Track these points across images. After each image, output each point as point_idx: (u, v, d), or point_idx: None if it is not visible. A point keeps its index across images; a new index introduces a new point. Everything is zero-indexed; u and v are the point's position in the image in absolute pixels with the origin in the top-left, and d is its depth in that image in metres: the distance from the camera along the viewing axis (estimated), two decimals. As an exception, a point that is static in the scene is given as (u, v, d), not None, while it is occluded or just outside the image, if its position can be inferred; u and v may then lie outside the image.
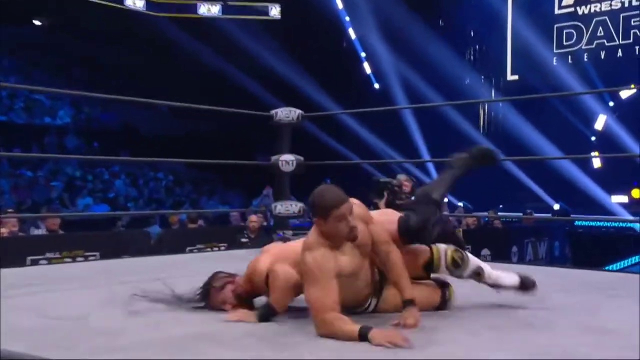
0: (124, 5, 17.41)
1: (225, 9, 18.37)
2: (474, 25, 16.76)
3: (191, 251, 6.93)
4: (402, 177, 6.08)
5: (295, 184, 5.22)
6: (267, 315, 2.43)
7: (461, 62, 16.40)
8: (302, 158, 5.03)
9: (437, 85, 15.09)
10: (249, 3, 18.45)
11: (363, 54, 17.94)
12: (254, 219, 7.66)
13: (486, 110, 17.04)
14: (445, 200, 15.37)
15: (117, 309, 2.56)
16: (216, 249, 7.26)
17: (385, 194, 5.90)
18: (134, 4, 17.68)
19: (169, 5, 18.14)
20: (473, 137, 15.40)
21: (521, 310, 2.60)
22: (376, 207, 5.82)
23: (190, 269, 3.85)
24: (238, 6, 18.46)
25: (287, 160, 4.97)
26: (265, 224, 9.28)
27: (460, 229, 8.82)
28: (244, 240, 7.41)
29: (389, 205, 5.97)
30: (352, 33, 17.88)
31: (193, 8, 18.34)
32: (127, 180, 15.25)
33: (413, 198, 2.65)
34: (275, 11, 18.53)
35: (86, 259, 6.06)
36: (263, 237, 7.48)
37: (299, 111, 5.03)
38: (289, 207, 5.02)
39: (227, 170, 15.73)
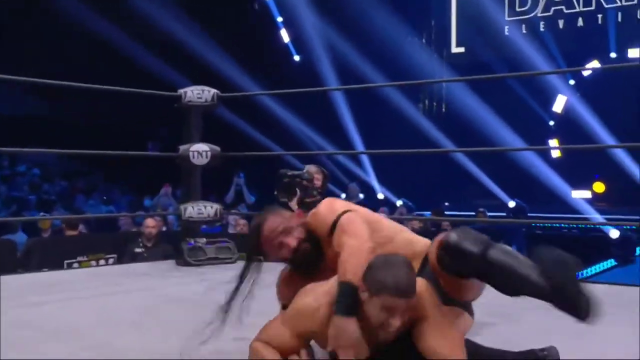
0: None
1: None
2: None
3: (71, 266, 6.72)
4: (311, 168, 6.10)
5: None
6: (351, 301, 2.12)
7: (400, 30, 16.60)
8: (218, 148, 4.97)
9: (371, 55, 15.24)
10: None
11: (279, 19, 17.85)
12: (151, 224, 7.48)
13: (428, 88, 17.32)
14: (381, 196, 15.72)
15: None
16: (103, 262, 7.06)
17: (298, 190, 5.95)
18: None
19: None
20: (413, 119, 15.66)
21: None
22: (286, 208, 5.84)
23: (78, 290, 3.73)
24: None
25: (200, 151, 4.90)
26: (164, 229, 9.13)
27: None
28: (138, 250, 7.24)
29: (300, 204, 6.00)
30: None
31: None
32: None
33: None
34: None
35: None
36: (163, 246, 7.35)
37: (214, 91, 4.97)
38: (202, 209, 4.95)
39: (111, 163, 15.36)
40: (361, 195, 12.83)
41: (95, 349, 2.61)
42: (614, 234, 11.83)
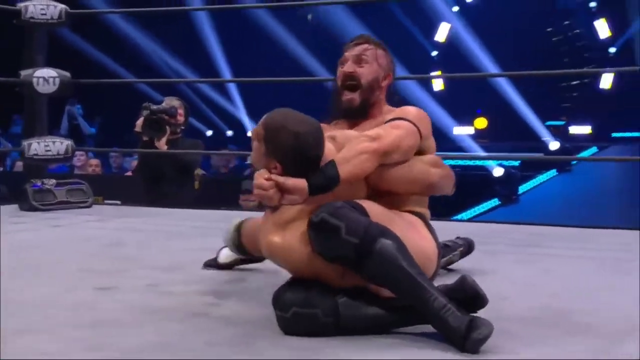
0: None
1: None
2: None
3: None
4: (174, 102, 5.99)
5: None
6: (326, 184, 2.21)
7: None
8: (68, 74, 4.78)
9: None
10: None
11: None
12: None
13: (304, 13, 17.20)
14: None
15: None
16: None
17: (169, 127, 5.85)
18: None
19: None
20: (287, 46, 15.54)
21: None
22: (149, 146, 5.73)
23: None
24: None
25: (47, 77, 4.70)
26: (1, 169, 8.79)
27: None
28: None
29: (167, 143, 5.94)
30: None
31: None
32: None
33: None
34: None
35: None
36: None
37: (61, 6, 4.75)
38: (49, 145, 4.78)
39: None
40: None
41: None
42: (498, 171, 12.28)
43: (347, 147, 2.33)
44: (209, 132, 16.73)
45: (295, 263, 2.22)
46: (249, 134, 16.31)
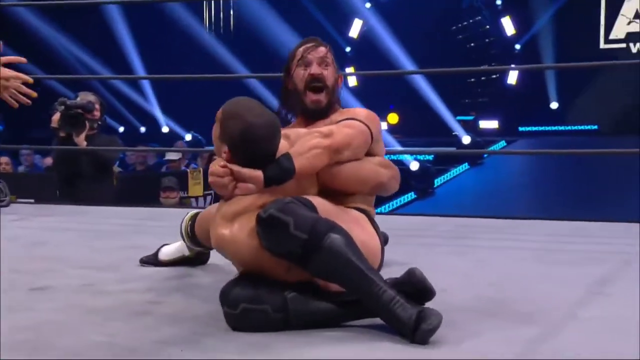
0: None
1: None
2: None
3: None
4: (90, 97, 5.87)
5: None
6: (281, 175, 2.23)
7: None
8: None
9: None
10: None
11: None
12: None
13: (213, 4, 16.94)
14: (166, 129, 15.23)
15: None
16: None
17: (87, 123, 5.74)
18: None
19: None
20: (201, 39, 15.34)
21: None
22: (67, 142, 5.61)
23: None
24: None
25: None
26: None
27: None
28: None
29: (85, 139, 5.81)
30: None
31: None
32: None
33: None
34: None
35: None
36: None
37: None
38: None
39: None
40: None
41: None
42: (414, 166, 12.46)
43: (300, 142, 2.35)
44: (121, 129, 16.45)
45: (242, 256, 2.22)
46: (164, 129, 16.18)
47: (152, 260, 3.03)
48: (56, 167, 6.22)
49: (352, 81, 15.06)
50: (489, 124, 15.76)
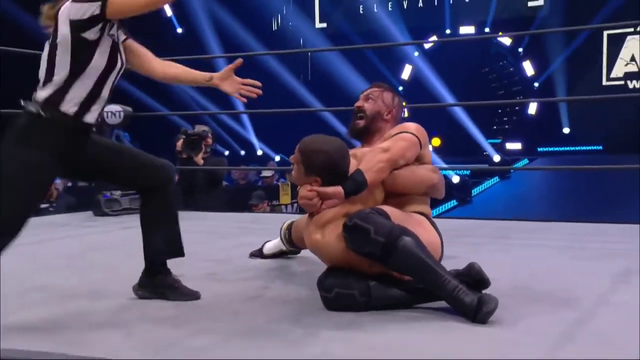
0: None
1: None
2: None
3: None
4: (204, 128, 6.00)
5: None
6: (357, 188, 2.21)
7: (275, 4, 16.36)
8: (130, 109, 4.71)
9: (249, 26, 14.99)
10: None
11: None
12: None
13: (301, 56, 17.12)
14: (260, 152, 15.47)
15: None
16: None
17: (204, 147, 5.84)
18: None
19: None
20: (291, 85, 15.54)
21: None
22: (188, 163, 5.71)
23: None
24: None
25: (114, 111, 4.62)
26: (70, 184, 8.68)
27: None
28: (44, 205, 6.85)
29: (202, 159, 5.91)
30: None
31: None
32: None
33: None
34: None
35: None
36: (67, 198, 6.95)
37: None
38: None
39: None
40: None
41: (42, 290, 2.44)
42: (455, 179, 12.31)
43: (366, 159, 2.33)
44: (227, 152, 16.65)
45: (332, 256, 2.20)
46: (258, 152, 16.33)
47: (258, 254, 3.05)
48: (179, 182, 6.29)
49: (404, 113, 14.99)
50: (514, 145, 15.49)
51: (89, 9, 2.02)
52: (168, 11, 17.21)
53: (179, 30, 17.33)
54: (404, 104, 2.77)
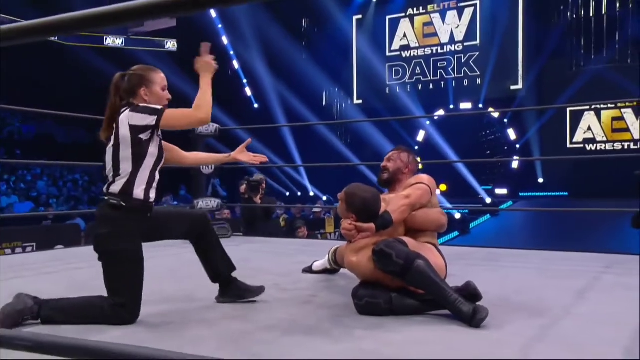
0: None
1: (127, 41, 17.39)
2: (333, 57, 16.73)
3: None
4: (260, 175, 6.05)
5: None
6: (385, 224, 2.19)
7: (324, 86, 16.64)
8: (218, 163, 4.78)
9: (306, 102, 15.29)
10: (148, 37, 17.58)
11: (245, 80, 17.65)
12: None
13: (343, 124, 17.33)
14: (312, 194, 15.72)
15: (82, 291, 2.25)
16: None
17: (261, 190, 5.89)
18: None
19: (78, 36, 16.73)
20: (333, 144, 15.70)
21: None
22: (249, 201, 5.76)
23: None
24: (139, 39, 17.54)
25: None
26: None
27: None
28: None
29: (260, 200, 5.95)
30: (235, 64, 17.52)
31: (100, 39, 17.17)
32: (49, 182, 13.85)
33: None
34: (170, 44, 17.82)
35: (24, 249, 5.40)
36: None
37: (216, 125, 4.77)
38: (209, 202, 4.77)
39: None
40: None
41: (152, 295, 2.47)
42: (457, 216, 12.12)
43: (392, 203, 2.31)
44: (287, 193, 16.76)
45: (364, 273, 2.18)
46: (311, 194, 16.37)
47: (308, 270, 3.02)
48: (242, 215, 6.25)
49: (420, 166, 14.91)
50: (501, 191, 15.12)
51: (146, 119, 2.00)
52: (248, 91, 17.67)
53: (256, 105, 17.71)
54: (418, 159, 2.75)
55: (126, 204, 2.00)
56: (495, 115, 15.41)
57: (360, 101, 16.91)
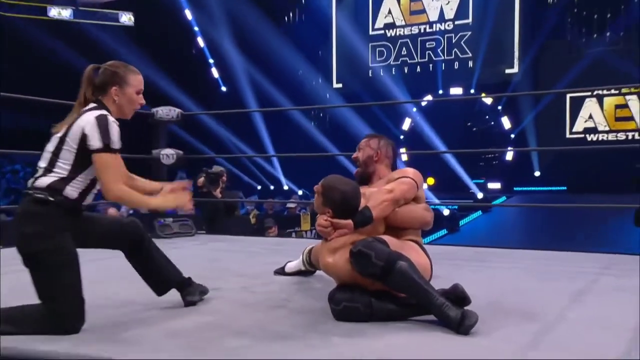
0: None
1: (76, 13, 17.02)
2: (310, 36, 16.70)
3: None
4: (220, 168, 6.08)
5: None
6: (364, 221, 2.22)
7: (300, 67, 16.60)
8: (182, 152, 4.77)
9: (279, 85, 15.22)
10: (100, 10, 17.26)
11: (211, 60, 17.51)
12: (112, 212, 7.14)
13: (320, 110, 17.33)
14: (286, 187, 15.68)
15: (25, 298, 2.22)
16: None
17: (221, 183, 5.92)
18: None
19: (18, 6, 16.31)
20: (310, 132, 15.71)
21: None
22: (208, 195, 5.75)
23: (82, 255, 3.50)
24: (89, 11, 17.20)
25: (168, 154, 4.69)
26: (131, 211, 8.75)
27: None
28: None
29: (220, 193, 5.97)
30: (200, 41, 17.35)
31: (43, 10, 16.75)
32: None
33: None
34: (125, 17, 17.50)
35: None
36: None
37: (178, 110, 4.76)
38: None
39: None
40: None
41: (108, 299, 2.46)
42: (446, 212, 12.25)
43: (373, 197, 2.34)
44: (259, 187, 16.71)
45: (341, 276, 2.21)
46: (285, 187, 16.37)
47: (281, 272, 3.03)
48: (201, 211, 6.24)
49: (405, 157, 15.04)
50: (494, 185, 15.38)
51: (95, 142, 1.96)
52: (215, 73, 17.53)
53: (223, 88, 17.59)
54: (391, 143, 2.74)
55: (54, 199, 1.96)
56: (488, 101, 15.62)
57: (339, 85, 16.94)
